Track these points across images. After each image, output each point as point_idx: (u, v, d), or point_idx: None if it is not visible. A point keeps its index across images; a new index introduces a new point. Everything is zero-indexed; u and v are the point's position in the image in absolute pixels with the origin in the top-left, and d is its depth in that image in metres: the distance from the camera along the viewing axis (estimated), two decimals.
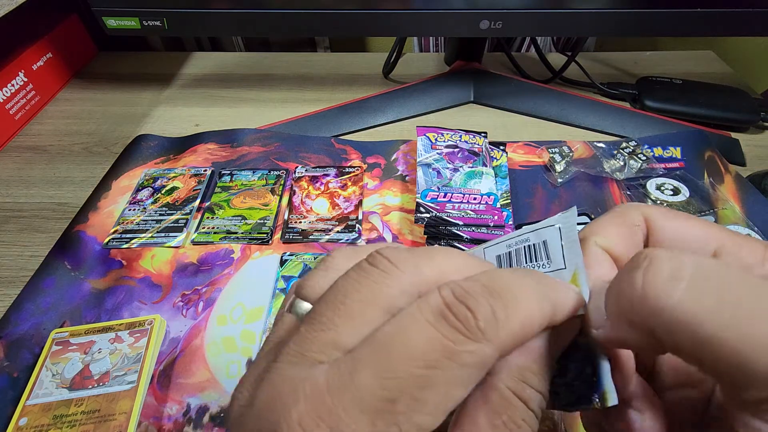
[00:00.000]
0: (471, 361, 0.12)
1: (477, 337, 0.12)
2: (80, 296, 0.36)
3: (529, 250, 0.17)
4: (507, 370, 0.14)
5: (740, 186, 0.44)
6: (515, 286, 0.13)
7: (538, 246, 0.17)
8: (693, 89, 0.55)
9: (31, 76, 0.56)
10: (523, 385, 0.13)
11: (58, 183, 0.48)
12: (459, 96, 0.57)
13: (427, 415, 0.12)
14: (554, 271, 0.16)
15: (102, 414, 0.29)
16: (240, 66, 0.66)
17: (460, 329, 0.12)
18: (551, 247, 0.16)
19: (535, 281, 0.14)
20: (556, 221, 0.16)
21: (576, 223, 0.16)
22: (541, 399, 0.14)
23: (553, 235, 0.16)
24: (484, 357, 0.12)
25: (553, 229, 0.16)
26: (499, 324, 0.12)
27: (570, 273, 0.15)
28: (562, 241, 0.16)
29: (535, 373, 0.14)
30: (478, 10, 0.45)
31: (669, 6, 0.44)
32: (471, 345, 0.12)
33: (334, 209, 0.43)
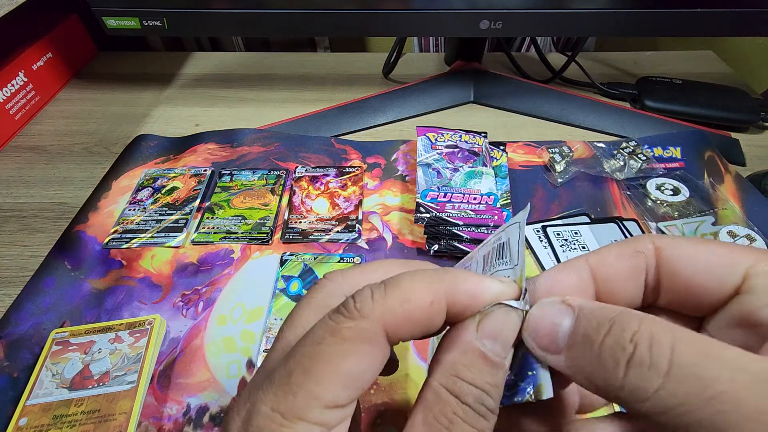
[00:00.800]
0: (349, 335, 0.14)
1: (354, 316, 0.14)
2: (80, 296, 0.36)
3: (500, 249, 0.17)
4: (439, 368, 0.15)
5: (740, 186, 0.44)
6: (408, 275, 0.15)
7: (505, 243, 0.17)
8: (693, 89, 0.55)
9: (31, 76, 0.56)
10: (454, 379, 0.14)
11: (58, 183, 0.48)
12: (459, 96, 0.57)
13: (318, 384, 0.13)
14: (512, 268, 0.16)
15: (102, 414, 0.29)
16: (240, 66, 0.66)
17: (342, 312, 0.14)
18: (512, 244, 0.17)
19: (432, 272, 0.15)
20: (518, 218, 0.17)
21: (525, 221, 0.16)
22: (480, 393, 0.14)
23: (514, 231, 0.17)
24: (363, 330, 0.14)
25: (515, 226, 0.17)
26: (375, 302, 0.14)
27: (518, 270, 0.16)
28: (519, 237, 0.16)
29: (469, 366, 0.14)
30: (478, 10, 0.45)
31: (669, 6, 0.44)
32: (349, 322, 0.14)
33: (334, 209, 0.43)
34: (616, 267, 0.16)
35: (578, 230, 0.40)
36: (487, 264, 0.18)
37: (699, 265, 0.15)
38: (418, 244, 0.40)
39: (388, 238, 0.41)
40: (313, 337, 0.14)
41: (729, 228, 0.39)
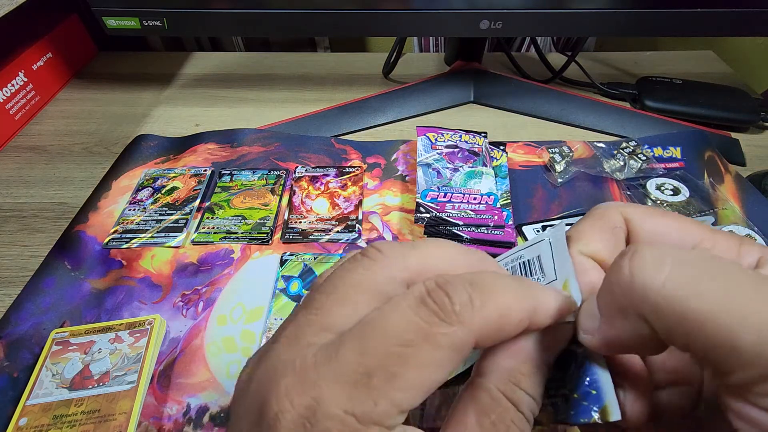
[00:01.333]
0: (445, 342, 0.13)
1: (451, 320, 0.13)
2: (80, 296, 0.36)
3: (524, 266, 0.17)
4: (497, 372, 0.14)
5: (740, 186, 0.44)
6: (497, 281, 0.14)
7: (532, 260, 0.17)
8: (693, 89, 0.55)
9: (31, 76, 0.56)
10: (513, 387, 0.14)
11: (58, 183, 0.48)
12: (459, 96, 0.57)
13: (402, 391, 0.12)
14: (548, 284, 0.16)
15: (102, 414, 0.29)
16: (240, 66, 0.66)
17: (436, 312, 0.13)
18: (544, 261, 0.17)
19: (518, 282, 0.15)
20: (546, 236, 0.17)
21: (564, 237, 0.16)
22: (532, 402, 0.14)
23: (545, 249, 0.17)
24: (458, 340, 0.13)
25: (544, 243, 0.17)
26: (475, 309, 0.13)
27: (561, 283, 0.16)
28: (553, 254, 0.16)
29: (526, 375, 0.14)
30: (478, 10, 0.45)
31: (669, 6, 0.44)
32: (445, 327, 0.13)
33: (334, 209, 0.43)
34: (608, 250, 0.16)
35: None
36: None
37: (658, 234, 0.16)
38: None
39: (388, 238, 0.41)
40: (396, 333, 0.13)
41: (729, 228, 0.39)
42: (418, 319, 0.13)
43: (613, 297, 0.13)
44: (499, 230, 0.38)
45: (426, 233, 0.38)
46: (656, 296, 0.12)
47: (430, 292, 0.13)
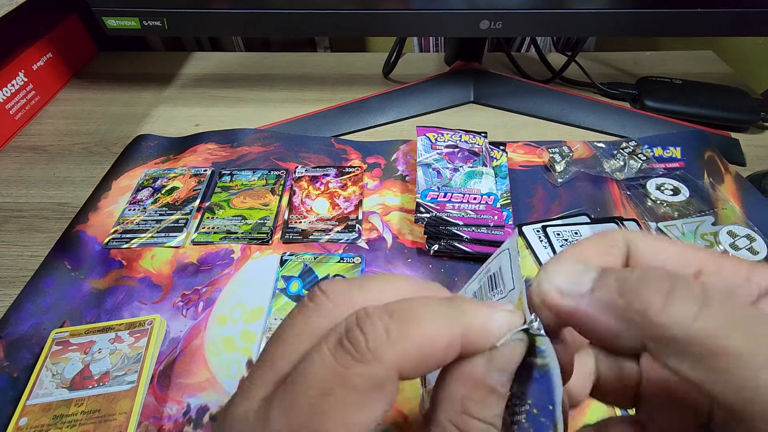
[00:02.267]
0: (361, 383, 0.12)
1: (366, 359, 0.12)
2: (80, 296, 0.36)
3: (492, 280, 0.17)
4: (448, 401, 0.14)
5: (740, 186, 0.44)
6: (419, 306, 0.13)
7: (496, 273, 0.17)
8: (693, 89, 0.55)
9: (31, 76, 0.56)
10: (465, 417, 0.13)
11: (58, 183, 0.48)
12: (459, 96, 0.57)
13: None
14: (508, 294, 0.16)
15: (102, 414, 0.29)
16: (240, 66, 0.66)
17: (351, 352, 0.12)
18: (504, 272, 0.16)
19: (446, 304, 0.14)
20: (506, 246, 0.17)
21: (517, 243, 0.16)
22: (489, 428, 0.13)
23: (505, 259, 0.17)
24: (376, 378, 0.12)
25: (504, 254, 0.17)
26: (391, 342, 0.12)
27: (517, 293, 0.15)
28: (511, 263, 0.16)
29: (478, 402, 0.13)
30: (478, 10, 0.45)
31: (669, 6, 0.44)
32: (360, 367, 0.12)
33: (334, 209, 0.43)
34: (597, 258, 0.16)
35: (578, 230, 0.40)
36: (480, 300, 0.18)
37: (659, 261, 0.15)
38: (418, 244, 0.40)
39: (388, 238, 0.41)
40: (316, 382, 0.12)
41: (729, 228, 0.39)
42: (335, 362, 0.12)
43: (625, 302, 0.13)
44: (499, 230, 0.38)
45: (426, 233, 0.38)
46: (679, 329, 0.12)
47: (348, 331, 0.13)
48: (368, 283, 0.15)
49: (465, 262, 0.38)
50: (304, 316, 0.14)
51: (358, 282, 0.15)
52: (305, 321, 0.14)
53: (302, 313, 0.14)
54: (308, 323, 0.14)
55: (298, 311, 0.15)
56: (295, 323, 0.14)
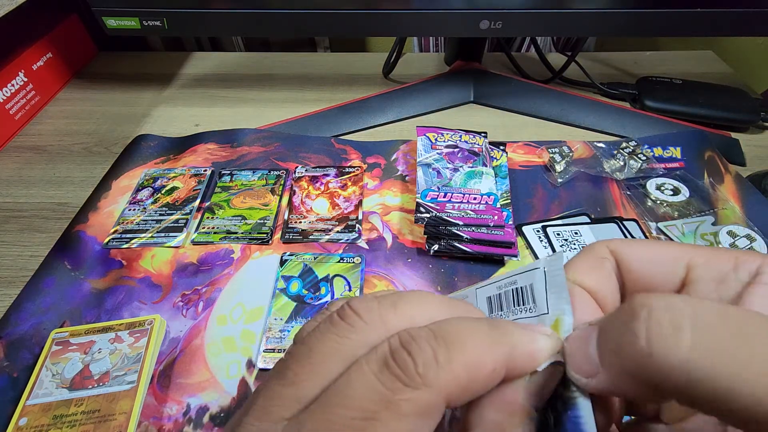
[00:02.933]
0: (409, 409, 0.12)
1: (415, 384, 0.12)
2: (80, 296, 0.36)
3: (517, 294, 0.17)
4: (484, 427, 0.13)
5: (740, 186, 0.44)
6: (464, 329, 0.13)
7: (525, 289, 0.16)
8: (693, 89, 0.55)
9: (31, 76, 0.56)
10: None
11: (58, 183, 0.48)
12: (459, 96, 0.57)
13: None
14: (538, 316, 0.15)
15: (102, 414, 0.29)
16: (240, 66, 0.66)
17: (399, 376, 0.12)
18: (537, 291, 0.16)
19: (489, 327, 0.13)
20: (541, 264, 0.16)
21: (562, 268, 0.16)
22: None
23: (539, 278, 0.16)
24: (423, 404, 0.12)
25: (538, 272, 0.16)
26: (440, 368, 0.12)
27: (552, 318, 0.15)
28: (546, 284, 0.16)
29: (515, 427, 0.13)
30: (478, 10, 0.45)
31: (669, 6, 0.44)
32: (408, 392, 0.12)
33: (334, 209, 0.43)
34: (595, 278, 0.16)
35: (578, 230, 0.40)
36: (497, 308, 0.17)
37: (647, 261, 0.16)
38: (418, 244, 0.40)
39: (388, 238, 0.41)
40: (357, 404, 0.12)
41: (729, 228, 0.39)
42: (380, 385, 0.12)
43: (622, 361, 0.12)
44: (499, 230, 0.38)
45: (426, 233, 0.38)
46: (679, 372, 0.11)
47: (393, 353, 0.12)
48: (401, 302, 0.14)
49: (465, 262, 0.38)
50: (336, 335, 0.14)
51: (389, 301, 0.14)
52: (337, 340, 0.13)
53: (333, 332, 0.14)
54: (341, 343, 0.13)
55: (327, 329, 0.14)
56: (325, 342, 0.14)
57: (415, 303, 0.14)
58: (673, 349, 0.11)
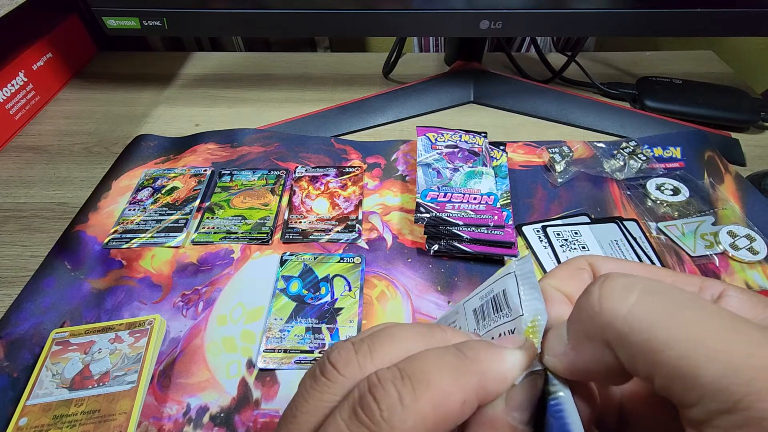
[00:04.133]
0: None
1: (381, 429, 0.12)
2: (80, 296, 0.36)
3: (495, 301, 0.17)
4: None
5: (740, 186, 0.44)
6: (431, 365, 0.13)
7: (499, 295, 0.17)
8: (693, 89, 0.55)
9: (31, 76, 0.56)
10: None
11: (58, 183, 0.48)
12: (459, 96, 0.57)
13: None
14: (514, 319, 0.16)
15: (102, 414, 0.29)
16: (240, 66, 0.66)
17: (365, 422, 0.12)
18: (510, 296, 0.16)
19: (457, 357, 0.14)
20: (512, 268, 0.16)
21: (533, 269, 0.16)
22: None
23: (511, 283, 0.16)
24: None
25: (509, 277, 0.16)
26: (406, 409, 0.12)
27: (529, 319, 0.15)
28: (519, 287, 0.16)
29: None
30: (478, 10, 0.45)
31: (669, 6, 0.44)
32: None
33: (334, 209, 0.43)
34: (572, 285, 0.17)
35: (578, 230, 0.40)
36: (481, 319, 0.17)
37: None
38: (418, 244, 0.40)
39: (388, 238, 0.41)
40: None
41: (729, 228, 0.39)
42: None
43: (581, 323, 0.13)
44: (499, 230, 0.38)
45: (426, 233, 0.38)
46: (622, 324, 0.12)
47: (361, 399, 0.13)
48: (376, 344, 0.15)
49: (465, 262, 0.38)
50: (317, 392, 0.14)
51: (366, 346, 0.15)
52: (319, 397, 0.14)
53: (315, 389, 0.14)
54: (322, 399, 0.14)
55: (311, 386, 0.14)
56: (309, 400, 0.14)
57: (390, 340, 0.15)
58: (618, 304, 0.12)
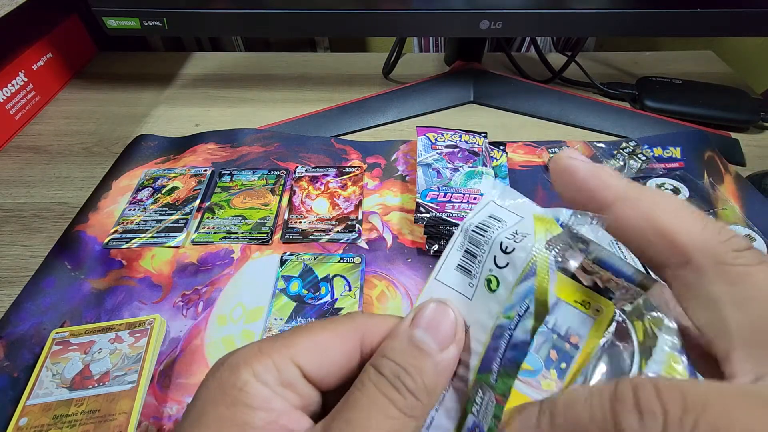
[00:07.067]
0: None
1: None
2: (80, 296, 0.36)
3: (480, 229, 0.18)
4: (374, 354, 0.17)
5: (740, 186, 0.44)
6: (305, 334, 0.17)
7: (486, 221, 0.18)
8: (693, 89, 0.55)
9: (31, 76, 0.56)
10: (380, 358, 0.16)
11: (58, 183, 0.48)
12: (459, 96, 0.57)
13: None
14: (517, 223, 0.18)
15: (102, 414, 0.29)
16: (240, 66, 0.66)
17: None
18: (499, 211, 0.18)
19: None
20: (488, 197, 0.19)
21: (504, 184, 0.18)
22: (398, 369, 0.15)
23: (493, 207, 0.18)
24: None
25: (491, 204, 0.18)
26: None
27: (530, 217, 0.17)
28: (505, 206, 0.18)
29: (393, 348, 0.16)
30: (478, 10, 0.45)
31: (669, 6, 0.44)
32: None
33: (334, 209, 0.43)
34: None
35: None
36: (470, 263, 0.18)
37: None
38: (418, 244, 0.40)
39: (388, 238, 0.41)
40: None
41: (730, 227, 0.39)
42: None
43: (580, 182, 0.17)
44: None
45: (426, 233, 0.38)
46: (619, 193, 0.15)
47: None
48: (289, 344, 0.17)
49: None
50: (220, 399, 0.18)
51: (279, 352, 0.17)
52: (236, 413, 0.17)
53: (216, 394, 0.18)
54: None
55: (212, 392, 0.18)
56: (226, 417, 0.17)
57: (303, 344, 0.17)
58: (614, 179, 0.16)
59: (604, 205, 0.15)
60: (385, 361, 0.16)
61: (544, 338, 0.16)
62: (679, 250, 0.14)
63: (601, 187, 0.16)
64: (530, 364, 0.15)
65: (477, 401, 0.16)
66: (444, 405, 0.17)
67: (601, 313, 0.15)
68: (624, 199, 0.15)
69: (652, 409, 0.11)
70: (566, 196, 0.17)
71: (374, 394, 0.15)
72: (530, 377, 0.15)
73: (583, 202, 0.16)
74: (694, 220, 0.14)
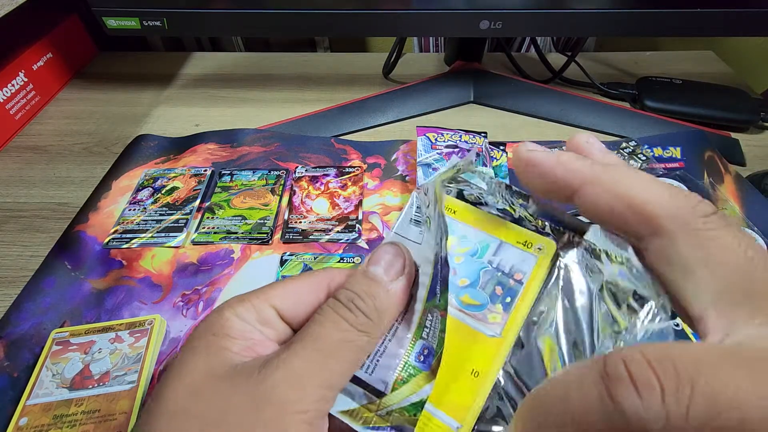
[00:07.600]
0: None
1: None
2: (80, 296, 0.36)
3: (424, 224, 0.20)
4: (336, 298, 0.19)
5: (740, 186, 0.44)
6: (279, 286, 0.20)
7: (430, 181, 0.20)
8: (693, 89, 0.55)
9: (31, 76, 0.56)
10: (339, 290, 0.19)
11: (58, 183, 0.48)
12: (459, 96, 0.57)
13: None
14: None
15: (102, 414, 0.29)
16: (240, 66, 0.66)
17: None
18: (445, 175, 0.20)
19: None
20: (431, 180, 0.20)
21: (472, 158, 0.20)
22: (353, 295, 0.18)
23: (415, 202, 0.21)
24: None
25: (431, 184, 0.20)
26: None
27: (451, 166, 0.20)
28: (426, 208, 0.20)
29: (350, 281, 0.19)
30: (478, 10, 0.45)
31: (669, 6, 0.44)
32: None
33: (334, 209, 0.43)
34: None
35: None
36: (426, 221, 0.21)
37: None
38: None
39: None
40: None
41: None
42: None
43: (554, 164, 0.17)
44: None
45: None
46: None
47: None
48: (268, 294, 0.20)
49: None
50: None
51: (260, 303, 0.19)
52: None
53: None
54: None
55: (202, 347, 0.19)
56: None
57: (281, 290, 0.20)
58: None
59: (573, 190, 0.16)
60: (343, 290, 0.18)
61: (489, 276, 0.18)
62: (650, 219, 0.14)
63: (566, 174, 0.16)
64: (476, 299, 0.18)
65: (427, 325, 0.18)
66: (397, 335, 0.19)
67: (543, 251, 0.18)
68: (590, 182, 0.15)
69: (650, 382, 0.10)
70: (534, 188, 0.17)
71: (329, 313, 0.18)
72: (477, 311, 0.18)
73: (553, 191, 0.16)
74: (661, 190, 0.14)
